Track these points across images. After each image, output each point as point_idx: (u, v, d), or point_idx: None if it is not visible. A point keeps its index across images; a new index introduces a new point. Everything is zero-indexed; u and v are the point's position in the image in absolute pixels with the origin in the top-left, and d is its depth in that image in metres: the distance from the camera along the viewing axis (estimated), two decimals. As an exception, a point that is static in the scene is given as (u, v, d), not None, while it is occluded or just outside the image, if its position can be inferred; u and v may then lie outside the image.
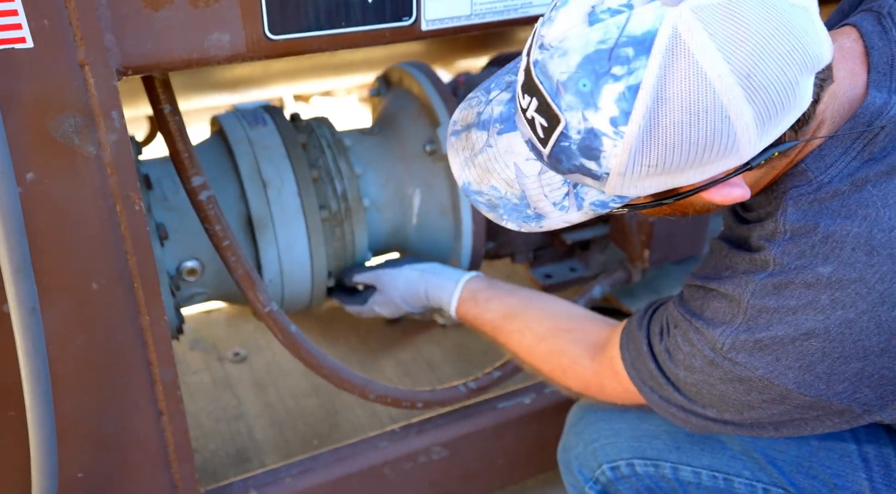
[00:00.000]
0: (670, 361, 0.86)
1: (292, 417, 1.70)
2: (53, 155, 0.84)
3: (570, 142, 0.69)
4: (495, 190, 0.80)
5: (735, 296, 0.79)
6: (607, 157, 0.68)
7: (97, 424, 1.02)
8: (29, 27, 0.77)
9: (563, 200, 0.76)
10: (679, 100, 0.64)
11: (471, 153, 0.81)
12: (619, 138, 0.66)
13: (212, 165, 1.26)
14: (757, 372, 0.79)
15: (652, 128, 0.65)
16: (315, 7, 0.90)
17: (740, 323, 0.79)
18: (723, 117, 0.65)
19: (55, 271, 0.89)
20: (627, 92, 0.64)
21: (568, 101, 0.67)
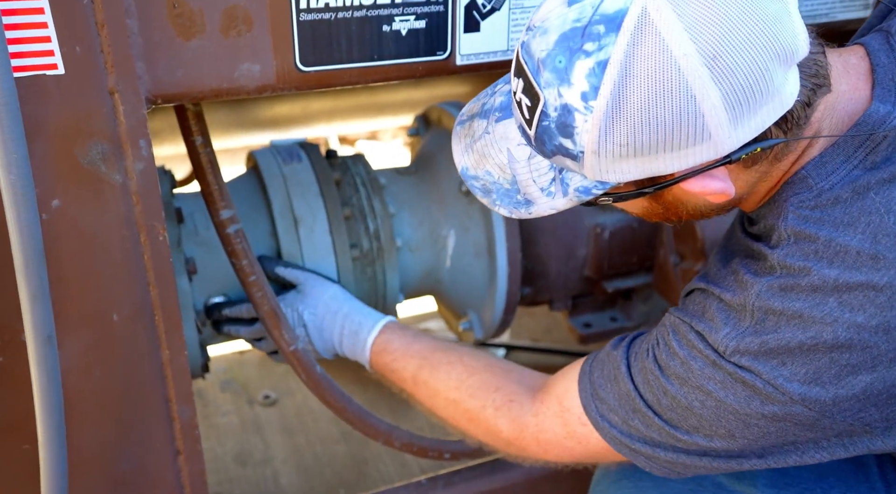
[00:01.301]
0: (661, 376, 0.83)
1: (320, 463, 1.66)
2: (79, 182, 0.84)
3: (549, 120, 0.72)
4: (489, 174, 0.84)
5: (739, 301, 0.79)
6: (580, 134, 0.71)
7: (112, 461, 1.00)
8: (61, 53, 0.77)
9: (550, 186, 0.79)
10: (645, 76, 0.66)
11: (471, 140, 0.86)
12: (588, 113, 0.69)
13: (244, 200, 1.26)
14: (762, 377, 0.76)
15: (619, 104, 0.68)
16: (348, 39, 0.89)
17: (747, 326, 0.77)
18: (688, 97, 0.66)
19: (76, 300, 0.89)
20: (597, 67, 0.67)
21: (546, 78, 0.71)
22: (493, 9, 0.95)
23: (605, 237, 1.36)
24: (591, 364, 0.92)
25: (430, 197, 1.35)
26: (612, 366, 0.89)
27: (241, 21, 0.84)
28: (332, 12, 0.87)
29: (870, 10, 1.16)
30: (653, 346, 0.85)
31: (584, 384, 0.91)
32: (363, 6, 0.88)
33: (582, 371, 0.93)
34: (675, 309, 0.86)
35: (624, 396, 0.87)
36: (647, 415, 0.85)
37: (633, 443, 0.87)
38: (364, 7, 0.88)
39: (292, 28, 0.86)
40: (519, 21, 0.96)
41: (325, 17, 0.87)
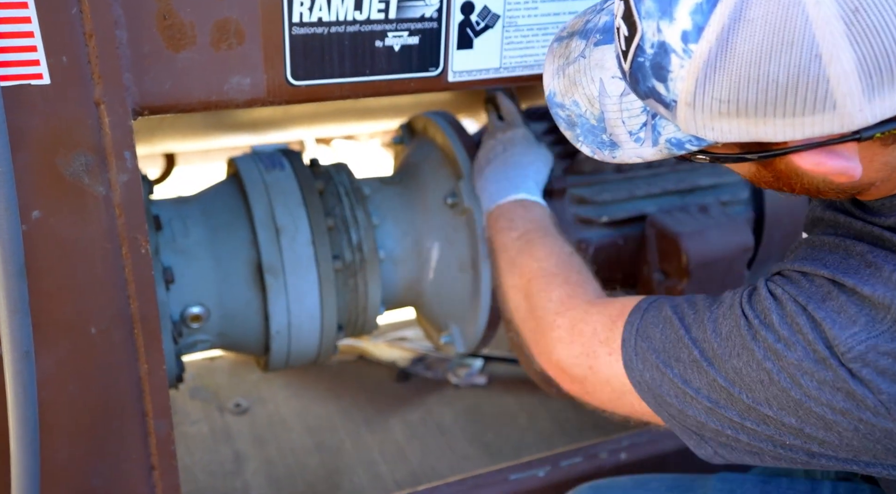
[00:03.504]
0: (747, 331, 0.73)
1: (292, 475, 1.67)
2: (61, 193, 0.84)
3: (645, 57, 0.64)
4: (577, 105, 0.77)
5: (883, 301, 0.67)
6: (675, 80, 0.63)
7: (85, 476, 1.00)
8: (47, 63, 0.78)
9: (640, 131, 0.71)
10: (762, 22, 0.57)
11: (564, 61, 0.78)
12: (686, 58, 0.61)
13: (224, 208, 1.26)
14: (880, 396, 0.67)
15: (723, 52, 0.59)
16: (340, 54, 0.91)
17: (884, 332, 0.67)
18: (812, 55, 0.56)
19: (54, 312, 0.89)
20: (706, 4, 0.59)
21: (647, 7, 0.63)
22: (486, 26, 0.97)
23: (589, 253, 1.39)
24: (651, 303, 0.85)
25: (415, 208, 1.37)
26: (671, 312, 0.82)
27: (232, 34, 0.85)
28: (325, 27, 0.89)
29: None
30: (742, 304, 0.76)
31: (633, 318, 0.84)
32: (356, 21, 0.90)
33: (637, 306, 0.86)
34: (784, 282, 0.75)
35: (674, 341, 0.79)
36: (700, 365, 0.76)
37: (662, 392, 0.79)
38: (357, 22, 0.90)
39: (284, 42, 0.88)
40: (512, 39, 0.99)
41: (317, 32, 0.89)
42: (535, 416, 1.84)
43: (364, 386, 1.91)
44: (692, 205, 1.42)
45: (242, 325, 1.26)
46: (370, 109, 1.76)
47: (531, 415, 1.85)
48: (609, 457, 1.44)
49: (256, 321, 1.26)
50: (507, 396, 1.90)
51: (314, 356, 1.33)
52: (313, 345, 1.30)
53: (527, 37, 0.99)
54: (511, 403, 1.88)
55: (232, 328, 1.26)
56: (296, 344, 1.28)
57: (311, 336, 1.28)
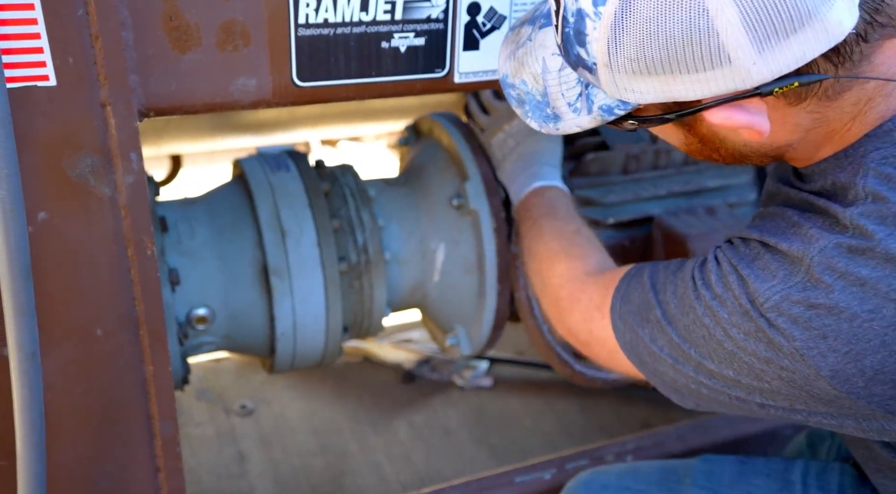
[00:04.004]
0: (692, 291, 0.80)
1: (297, 477, 1.67)
2: (67, 195, 0.84)
3: (569, 27, 0.71)
4: (524, 84, 0.84)
5: (798, 254, 0.73)
6: (591, 43, 0.70)
7: (91, 477, 1.00)
8: (53, 65, 0.78)
9: (577, 101, 0.78)
10: None
11: (515, 46, 0.86)
12: (597, 20, 0.68)
13: (230, 210, 1.26)
14: (794, 343, 0.71)
15: (626, 13, 0.66)
16: (346, 55, 0.91)
17: (797, 283, 0.72)
18: (700, 10, 0.63)
19: (59, 314, 0.89)
20: None
21: None
22: (492, 27, 0.97)
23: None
24: (637, 269, 0.91)
25: (420, 209, 1.37)
26: (646, 279, 0.88)
27: (238, 35, 0.85)
28: (331, 28, 0.89)
29: None
30: (694, 269, 0.83)
31: (621, 284, 0.91)
32: (362, 22, 0.90)
33: (627, 273, 0.92)
34: (726, 247, 0.81)
35: (645, 303, 0.85)
36: (661, 326, 0.83)
37: (640, 352, 0.86)
38: (363, 23, 0.90)
39: (290, 43, 0.88)
40: (518, 40, 0.98)
41: (323, 33, 0.89)
42: (540, 418, 1.84)
43: (369, 387, 1.91)
44: (699, 207, 1.42)
45: (248, 327, 1.26)
46: (375, 111, 1.77)
47: (536, 417, 1.84)
48: (614, 460, 1.44)
49: (262, 322, 1.26)
50: (513, 398, 1.90)
51: (319, 357, 1.33)
52: (319, 347, 1.30)
53: (533, 38, 0.99)
54: (516, 405, 1.88)
55: (237, 329, 1.25)
56: (301, 346, 1.28)
57: (316, 337, 1.28)
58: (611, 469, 1.18)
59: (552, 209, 1.18)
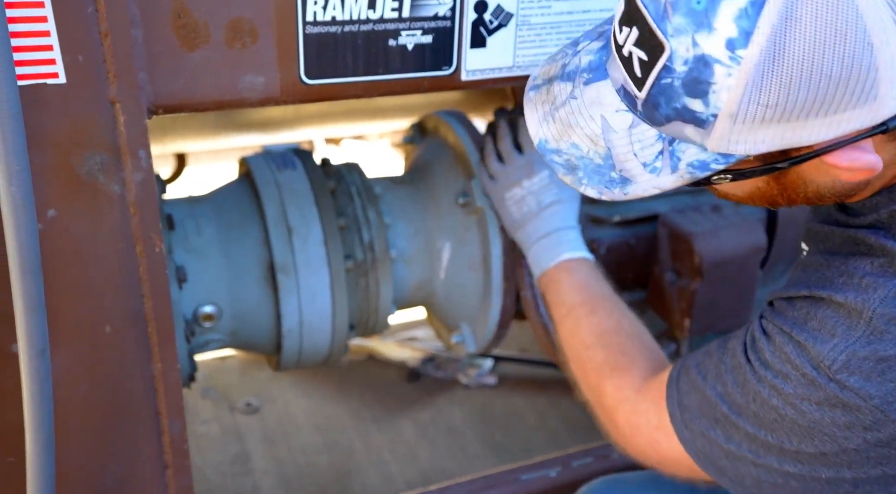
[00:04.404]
0: (753, 377, 0.75)
1: (302, 475, 1.67)
2: (77, 192, 0.85)
3: (674, 77, 0.63)
4: (576, 148, 0.74)
5: (856, 306, 0.69)
6: (718, 92, 0.61)
7: (99, 474, 1.01)
8: (63, 62, 0.78)
9: (656, 160, 0.69)
10: (812, 19, 0.56)
11: (551, 106, 0.76)
12: (735, 65, 0.59)
13: (237, 208, 1.27)
14: (872, 401, 0.68)
15: (777, 53, 0.58)
16: (354, 53, 0.91)
17: (860, 337, 0.68)
18: (865, 44, 0.57)
19: (68, 311, 0.90)
20: (750, 7, 0.58)
21: (676, 24, 0.61)
22: (500, 25, 0.97)
23: (601, 252, 1.39)
24: (679, 370, 0.87)
25: (426, 207, 1.37)
26: (697, 375, 0.84)
27: (246, 33, 0.85)
28: (339, 26, 0.89)
29: None
30: (746, 350, 0.78)
31: (670, 391, 0.86)
32: (370, 20, 0.90)
33: (670, 377, 0.88)
34: (772, 315, 0.77)
35: (707, 404, 0.81)
36: (731, 420, 0.78)
37: (716, 458, 0.80)
38: (371, 21, 0.90)
39: (298, 41, 0.88)
40: (525, 37, 0.98)
41: (331, 31, 0.89)
42: (545, 416, 1.84)
43: (374, 385, 1.91)
44: (704, 205, 1.42)
45: (254, 324, 1.26)
46: (380, 109, 1.77)
47: (541, 415, 1.84)
48: (620, 458, 1.44)
49: (268, 320, 1.26)
50: (518, 396, 1.90)
51: (325, 355, 1.33)
52: (325, 344, 1.30)
53: (540, 35, 0.99)
54: (521, 403, 1.88)
55: (244, 327, 1.26)
56: (307, 344, 1.28)
57: (322, 335, 1.28)
58: (628, 478, 1.13)
59: (588, 296, 1.08)
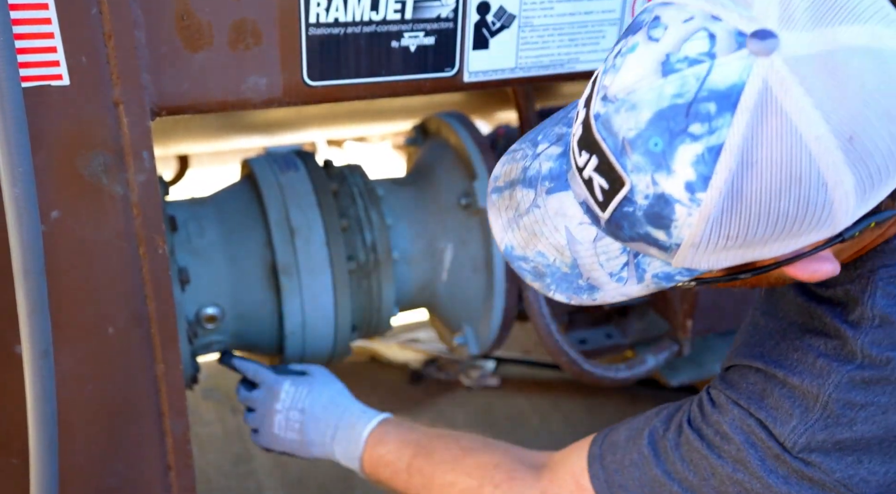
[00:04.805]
0: (711, 454, 0.76)
1: (305, 477, 1.68)
2: (80, 193, 0.85)
3: (636, 207, 0.63)
4: (542, 256, 0.73)
5: (811, 390, 0.72)
6: (679, 227, 0.62)
7: (102, 475, 1.01)
8: (66, 64, 0.78)
9: (622, 271, 0.70)
10: (769, 164, 0.58)
11: (515, 213, 0.75)
12: (695, 206, 0.60)
13: (240, 209, 1.27)
14: (834, 476, 0.71)
15: (735, 196, 0.59)
16: (356, 55, 0.91)
17: (817, 420, 0.71)
18: (819, 185, 0.59)
19: (71, 312, 0.89)
20: (707, 153, 0.59)
21: (635, 162, 0.62)
22: (502, 26, 0.97)
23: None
24: (601, 447, 0.88)
25: (428, 209, 1.37)
26: (627, 453, 0.84)
27: (249, 34, 0.85)
28: (342, 27, 0.89)
29: None
30: (695, 423, 0.79)
31: (594, 469, 0.87)
32: (372, 22, 0.90)
33: (591, 455, 0.88)
34: (723, 385, 0.79)
35: (650, 482, 0.81)
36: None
37: None
38: (373, 23, 0.90)
39: (301, 42, 0.88)
40: (528, 39, 0.99)
41: (334, 32, 0.89)
42: (547, 418, 1.84)
43: (376, 387, 1.91)
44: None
45: (257, 326, 1.26)
46: (382, 111, 1.77)
47: (543, 417, 1.84)
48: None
49: (271, 321, 1.26)
50: (520, 398, 1.90)
51: (328, 356, 1.33)
52: (327, 346, 1.30)
53: (542, 37, 0.99)
54: (523, 405, 1.88)
55: (246, 328, 1.26)
56: (310, 345, 1.28)
57: (325, 336, 1.28)
58: None
59: (416, 445, 1.04)
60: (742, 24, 0.59)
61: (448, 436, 1.05)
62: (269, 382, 1.16)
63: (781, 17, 0.59)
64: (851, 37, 0.58)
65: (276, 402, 1.14)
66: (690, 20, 0.60)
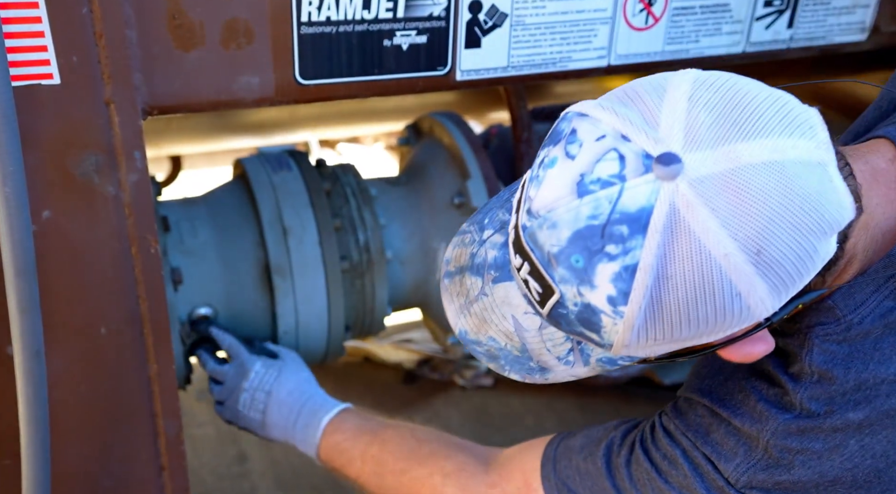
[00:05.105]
0: (659, 478, 0.80)
1: (298, 476, 1.67)
2: (71, 193, 0.84)
3: (568, 311, 0.66)
4: (494, 341, 0.76)
5: (752, 433, 0.76)
6: (608, 333, 0.66)
7: (95, 476, 1.00)
8: (57, 63, 0.78)
9: (568, 356, 0.73)
10: (682, 279, 0.61)
11: (465, 300, 0.78)
12: (618, 318, 0.64)
13: (231, 209, 1.27)
14: None
15: (654, 308, 0.63)
16: (348, 53, 0.91)
17: (758, 460, 0.75)
18: (733, 295, 0.62)
19: (63, 313, 0.89)
20: (624, 272, 0.62)
21: (561, 275, 0.65)
22: (494, 25, 0.97)
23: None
24: (556, 450, 0.90)
25: (421, 208, 1.37)
26: (582, 463, 0.87)
27: (241, 34, 0.85)
28: (334, 26, 0.89)
29: (866, 35, 1.20)
30: (647, 445, 0.83)
31: (546, 471, 0.89)
32: (364, 20, 0.90)
33: (545, 456, 0.90)
34: (674, 415, 0.82)
35: (601, 492, 0.84)
36: None
37: None
38: (365, 21, 0.90)
39: (293, 41, 0.88)
40: (520, 38, 0.99)
41: (326, 31, 0.89)
42: (541, 417, 1.84)
43: (370, 387, 1.91)
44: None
45: (250, 326, 1.26)
46: (375, 111, 1.77)
47: (538, 416, 1.85)
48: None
49: (264, 322, 1.26)
50: (514, 397, 1.90)
51: (322, 356, 1.33)
52: (321, 346, 1.30)
53: (535, 35, 0.99)
54: (517, 404, 1.88)
55: (240, 329, 1.26)
56: (304, 345, 1.28)
57: (318, 336, 1.28)
58: None
59: (371, 435, 1.06)
60: (648, 146, 0.61)
61: (404, 427, 1.07)
62: (242, 358, 1.18)
63: (686, 137, 0.61)
64: (753, 153, 0.60)
65: (245, 381, 1.16)
66: (602, 139, 0.63)
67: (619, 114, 0.64)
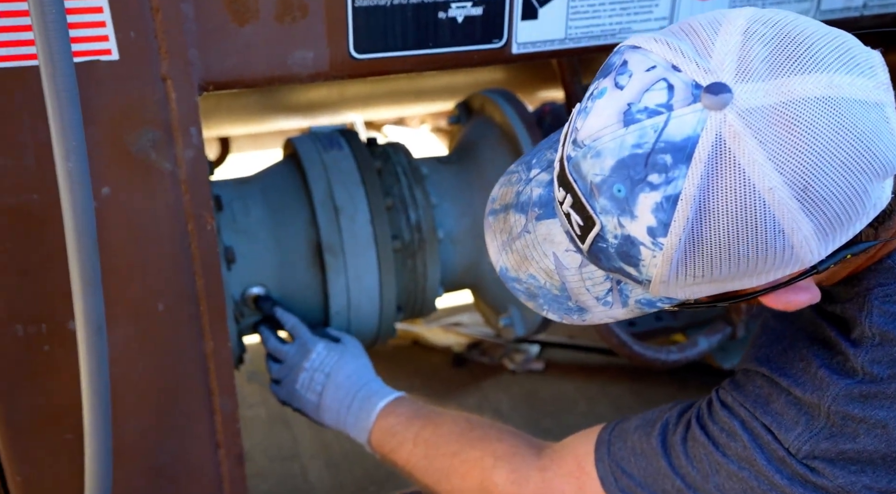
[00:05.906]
0: (716, 451, 0.79)
1: (349, 460, 1.69)
2: (129, 169, 0.86)
3: (608, 245, 0.67)
4: (534, 278, 0.77)
5: (813, 401, 0.75)
6: (647, 266, 0.66)
7: (153, 452, 1.03)
8: (115, 39, 0.79)
9: (607, 296, 0.74)
10: (724, 213, 0.61)
11: (508, 237, 0.79)
12: (657, 250, 0.64)
13: (284, 189, 1.28)
14: (836, 481, 0.73)
15: (695, 241, 0.62)
16: (403, 27, 0.91)
17: (821, 429, 0.74)
18: (776, 232, 0.61)
19: (122, 289, 0.91)
20: (665, 202, 0.62)
21: (602, 205, 0.65)
22: (551, -5, 0.96)
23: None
24: (611, 434, 0.90)
25: (473, 187, 1.36)
26: (640, 440, 0.86)
27: (295, 7, 0.85)
28: (388, -2, 0.89)
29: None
30: (704, 420, 0.82)
31: (600, 453, 0.89)
32: (419, -8, 0.90)
33: (599, 439, 0.91)
34: (732, 387, 0.82)
35: (655, 473, 0.84)
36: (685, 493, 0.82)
37: None
38: (420, -7, 0.90)
39: (347, 15, 0.88)
40: (578, 9, 0.97)
41: (380, 4, 0.89)
42: (594, 402, 1.83)
43: (419, 371, 1.91)
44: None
45: (302, 305, 1.27)
46: (423, 90, 1.77)
47: (590, 401, 1.83)
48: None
49: (316, 301, 1.27)
50: (565, 382, 1.89)
51: (373, 337, 1.34)
52: (373, 326, 1.30)
53: (593, 6, 0.98)
54: (569, 389, 1.87)
55: (292, 308, 1.27)
56: (355, 325, 1.29)
57: (370, 316, 1.29)
58: None
59: (426, 418, 1.07)
60: (699, 77, 0.62)
61: (458, 414, 1.08)
62: (304, 339, 1.19)
63: (738, 69, 0.61)
64: (807, 87, 0.60)
65: (306, 360, 1.18)
66: (652, 69, 0.63)
67: (672, 46, 0.64)
